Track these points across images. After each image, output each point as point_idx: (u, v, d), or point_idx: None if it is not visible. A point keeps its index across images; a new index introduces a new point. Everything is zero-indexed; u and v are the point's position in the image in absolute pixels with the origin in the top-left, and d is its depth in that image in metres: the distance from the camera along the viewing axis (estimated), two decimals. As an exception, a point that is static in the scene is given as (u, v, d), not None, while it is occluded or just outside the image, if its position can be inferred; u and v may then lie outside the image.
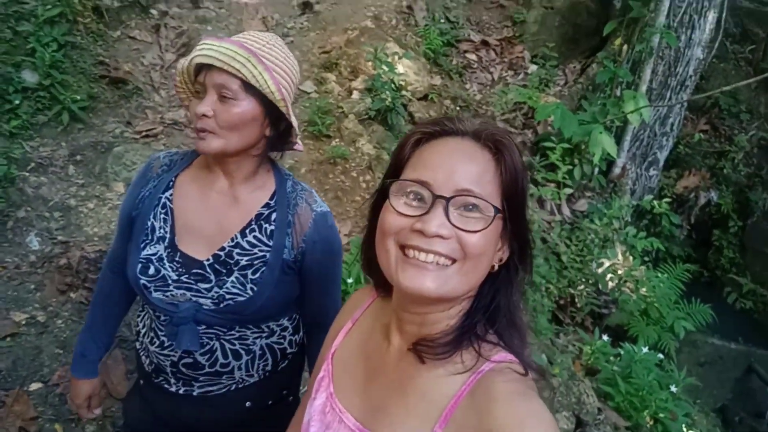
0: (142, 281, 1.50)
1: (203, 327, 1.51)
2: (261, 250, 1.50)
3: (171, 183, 1.56)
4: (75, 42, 4.11)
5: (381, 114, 4.32)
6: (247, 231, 1.51)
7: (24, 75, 3.73)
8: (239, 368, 1.58)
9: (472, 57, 5.49)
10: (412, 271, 0.89)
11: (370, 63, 4.45)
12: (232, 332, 1.55)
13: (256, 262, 1.50)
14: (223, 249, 1.50)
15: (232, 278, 1.48)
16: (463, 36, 5.60)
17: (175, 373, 1.56)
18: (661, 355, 3.63)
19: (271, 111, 1.46)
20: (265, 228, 1.52)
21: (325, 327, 1.44)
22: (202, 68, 1.40)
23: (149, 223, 1.53)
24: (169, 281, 1.49)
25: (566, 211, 4.86)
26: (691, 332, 4.37)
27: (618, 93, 5.00)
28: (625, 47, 5.13)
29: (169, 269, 1.50)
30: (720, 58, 6.20)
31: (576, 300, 4.56)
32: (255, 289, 1.48)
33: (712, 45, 5.32)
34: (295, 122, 1.50)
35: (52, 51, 3.81)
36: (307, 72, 4.77)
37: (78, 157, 3.62)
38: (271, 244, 1.51)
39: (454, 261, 0.89)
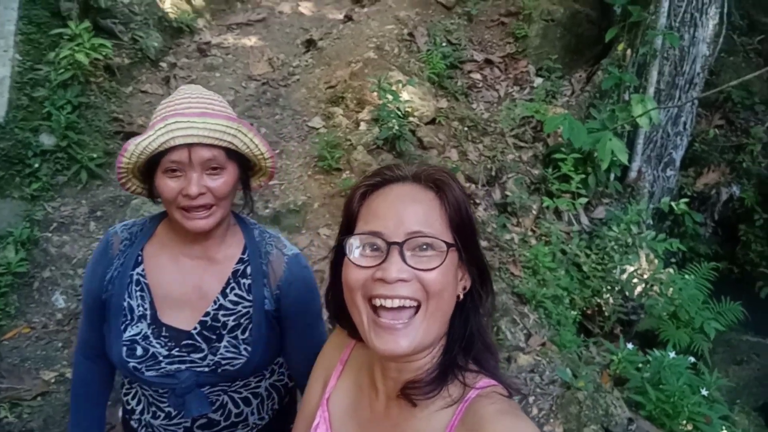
0: (131, 364, 1.46)
1: (208, 387, 1.53)
2: (244, 307, 1.51)
3: (140, 258, 1.51)
4: (89, 102, 4.27)
5: (389, 142, 4.38)
6: (228, 290, 1.51)
7: (42, 138, 3.89)
8: (252, 413, 1.62)
9: (477, 76, 5.54)
10: (385, 335, 0.93)
11: (375, 93, 4.53)
12: (237, 383, 1.57)
13: (243, 321, 1.50)
14: (207, 314, 1.49)
15: (224, 342, 1.49)
16: (466, 57, 5.65)
17: None
18: (692, 359, 3.57)
19: (244, 168, 1.49)
20: (243, 283, 1.52)
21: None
22: (178, 146, 1.35)
23: (125, 304, 1.48)
24: (160, 358, 1.47)
25: (584, 220, 4.84)
26: (724, 331, 4.28)
27: (626, 98, 5.00)
28: (628, 52, 5.14)
29: (158, 346, 1.47)
30: (729, 52, 6.15)
31: (603, 309, 4.52)
32: (249, 349, 1.49)
33: (717, 40, 5.30)
34: (265, 153, 1.50)
35: (67, 113, 3.97)
36: (314, 108, 4.87)
37: (98, 213, 3.76)
38: (250, 298, 1.51)
39: (419, 303, 0.93)
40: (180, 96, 1.42)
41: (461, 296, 1.00)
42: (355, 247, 0.97)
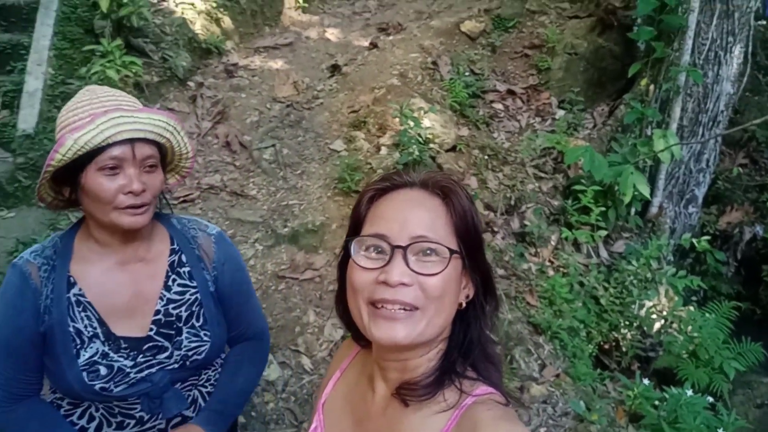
0: (97, 386, 1.40)
1: (179, 384, 1.54)
2: (191, 294, 1.51)
3: (71, 279, 1.43)
4: (117, 117, 4.35)
5: (409, 167, 4.40)
6: (170, 283, 1.50)
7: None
8: None
9: (499, 106, 5.56)
10: (383, 323, 0.94)
11: (396, 119, 4.57)
12: (203, 377, 1.61)
13: (194, 308, 1.51)
14: (158, 312, 1.47)
15: (185, 334, 1.49)
16: (489, 87, 5.69)
17: None
18: (711, 398, 3.49)
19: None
20: (183, 272, 1.52)
21: (253, 338, 1.59)
22: (120, 142, 1.31)
23: (71, 329, 1.41)
24: (127, 370, 1.43)
25: (604, 253, 4.80)
26: (745, 373, 4.18)
27: (648, 133, 4.99)
28: (651, 87, 5.14)
29: (121, 359, 1.43)
30: (753, 91, 6.12)
31: (620, 344, 4.45)
32: (208, 333, 1.51)
33: (742, 79, 5.28)
34: (189, 153, 1.52)
35: (95, 127, 4.05)
36: (336, 131, 4.92)
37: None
38: (194, 284, 1.51)
39: (417, 309, 0.94)
40: (102, 94, 1.37)
41: (464, 304, 1.00)
42: (360, 249, 0.98)
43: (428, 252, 0.94)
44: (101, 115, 1.29)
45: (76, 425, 1.51)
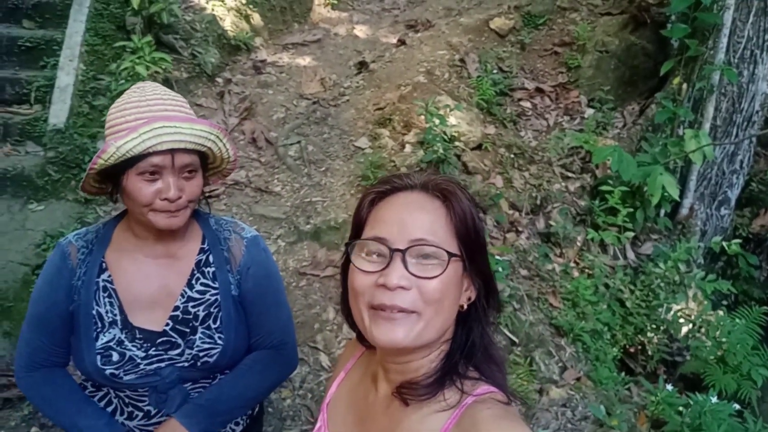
0: (108, 371, 1.45)
1: (190, 384, 1.55)
2: (211, 295, 1.53)
3: (103, 264, 1.50)
4: (146, 112, 4.42)
5: (433, 165, 4.38)
6: (193, 281, 1.53)
7: (99, 145, 4.05)
8: None
9: (527, 104, 5.50)
10: (383, 324, 0.94)
11: (422, 117, 4.55)
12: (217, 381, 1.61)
13: (212, 310, 1.52)
14: (177, 308, 1.50)
15: (199, 334, 1.51)
16: (517, 84, 5.63)
17: None
18: (737, 405, 3.41)
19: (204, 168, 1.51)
20: (207, 272, 1.54)
21: (272, 348, 1.57)
22: (159, 152, 1.36)
23: (94, 312, 1.48)
24: (138, 360, 1.47)
25: (631, 255, 4.72)
26: (774, 381, 4.07)
27: (680, 132, 4.88)
28: (684, 86, 5.02)
29: (134, 349, 1.47)
30: (791, 91, 5.93)
31: (646, 347, 4.37)
32: (222, 336, 1.51)
33: (779, 78, 5.13)
34: (232, 156, 1.56)
35: (124, 122, 4.12)
36: (361, 128, 4.93)
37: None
38: (216, 285, 1.53)
39: (414, 312, 0.93)
40: (150, 97, 1.42)
41: (465, 306, 1.00)
42: (360, 253, 0.99)
43: (427, 255, 0.94)
44: (146, 123, 1.34)
45: None
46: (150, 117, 1.36)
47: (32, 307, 1.52)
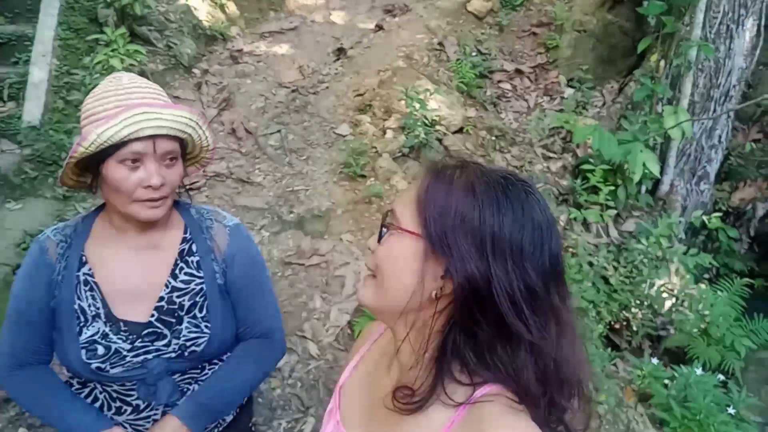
0: (94, 365, 1.43)
1: (178, 375, 1.54)
2: (196, 284, 1.52)
3: (83, 258, 1.48)
4: (122, 106, 4.36)
5: (415, 150, 4.38)
6: (177, 271, 1.51)
7: (75, 140, 3.99)
8: None
9: (507, 86, 5.51)
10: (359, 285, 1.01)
11: (402, 102, 4.54)
12: (206, 372, 1.59)
13: (198, 299, 1.51)
14: (162, 299, 1.49)
15: (185, 324, 1.49)
16: (496, 67, 5.63)
17: None
18: (721, 376, 3.46)
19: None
20: (191, 261, 1.53)
21: (261, 337, 1.57)
22: (140, 138, 1.34)
23: (76, 306, 1.46)
24: (124, 353, 1.45)
25: (613, 232, 4.76)
26: (756, 350, 4.14)
27: (659, 109, 4.91)
28: (662, 63, 5.05)
29: (119, 341, 1.45)
30: (766, 65, 5.99)
31: (631, 323, 4.42)
32: (209, 325, 1.50)
33: (755, 52, 5.18)
34: (211, 145, 1.55)
35: (100, 117, 4.06)
36: (342, 115, 4.90)
37: (127, 214, 3.82)
38: (201, 274, 1.52)
39: (374, 275, 1.00)
40: (128, 85, 1.39)
41: (435, 295, 0.93)
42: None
43: (390, 224, 0.99)
44: (125, 110, 1.31)
45: None
46: (129, 104, 1.33)
47: (12, 305, 1.49)
